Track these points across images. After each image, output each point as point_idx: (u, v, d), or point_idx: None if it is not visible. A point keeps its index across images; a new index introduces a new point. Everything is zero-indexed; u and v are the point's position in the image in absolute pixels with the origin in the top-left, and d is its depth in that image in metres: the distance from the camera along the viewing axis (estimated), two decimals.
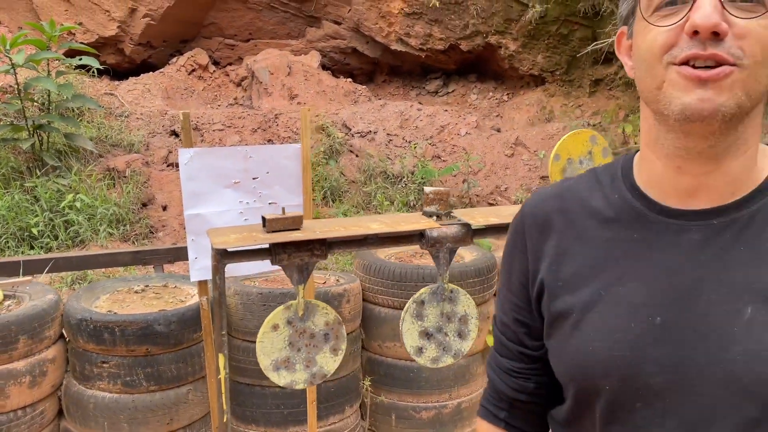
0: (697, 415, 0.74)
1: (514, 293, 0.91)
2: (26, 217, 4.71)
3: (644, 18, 0.73)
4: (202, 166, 1.66)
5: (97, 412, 2.49)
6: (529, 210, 0.89)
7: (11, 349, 2.36)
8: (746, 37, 0.68)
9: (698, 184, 0.76)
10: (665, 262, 0.77)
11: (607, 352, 0.77)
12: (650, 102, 0.74)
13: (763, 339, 0.71)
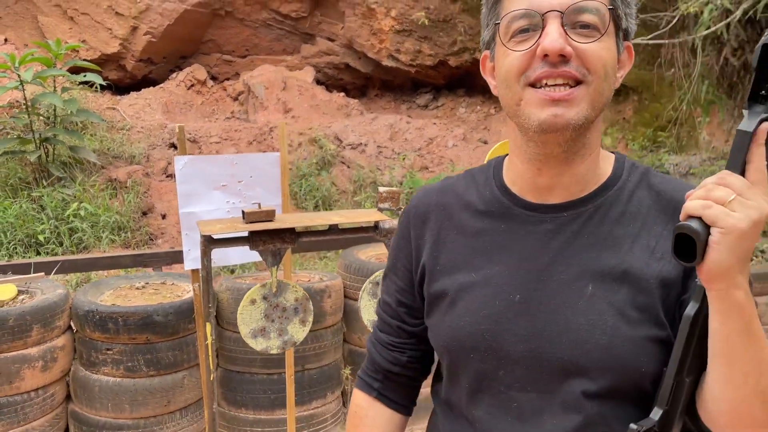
0: (549, 378, 0.86)
1: (399, 277, 1.03)
2: (33, 225, 5.02)
3: (503, 44, 0.84)
4: (194, 171, 1.97)
5: (101, 395, 2.78)
6: (414, 204, 1.02)
7: (26, 336, 2.66)
8: (588, 58, 0.81)
9: (553, 183, 0.89)
10: (525, 248, 0.90)
11: (474, 327, 0.89)
12: (512, 116, 0.87)
13: (602, 310, 0.84)
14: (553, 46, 0.79)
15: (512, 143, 0.93)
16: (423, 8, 7.49)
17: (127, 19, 7.64)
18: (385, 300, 1.06)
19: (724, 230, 0.70)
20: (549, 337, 0.86)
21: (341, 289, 3.21)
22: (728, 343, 0.76)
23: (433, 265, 0.96)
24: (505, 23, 0.84)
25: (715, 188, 0.72)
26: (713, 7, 5.28)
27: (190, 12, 7.76)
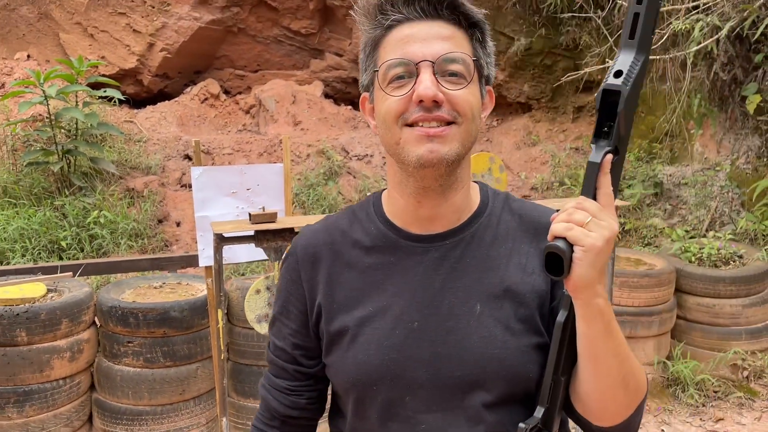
0: (452, 396, 0.93)
1: (292, 320, 1.05)
2: (56, 232, 5.34)
3: (381, 89, 0.93)
4: (208, 180, 2.26)
5: (123, 384, 3.07)
6: (301, 246, 1.05)
7: (56, 330, 2.96)
8: (458, 103, 0.91)
9: (434, 214, 0.98)
10: (415, 277, 0.97)
11: (379, 358, 0.94)
12: (393, 154, 0.95)
13: (491, 326, 0.94)
14: (427, 93, 0.88)
15: (392, 180, 1.00)
16: None
17: (144, 36, 8.02)
18: (278, 345, 1.07)
19: (584, 248, 0.81)
20: (448, 358, 0.93)
21: None
22: (593, 343, 0.87)
23: (329, 304, 1.00)
24: (383, 71, 0.92)
25: (575, 212, 0.83)
26: (704, 24, 5.53)
27: (204, 29, 8.12)
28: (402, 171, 0.95)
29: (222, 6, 8.10)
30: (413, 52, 0.91)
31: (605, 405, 0.92)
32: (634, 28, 0.87)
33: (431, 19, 0.93)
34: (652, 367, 3.72)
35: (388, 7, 0.93)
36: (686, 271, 3.84)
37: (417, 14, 0.93)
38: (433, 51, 0.90)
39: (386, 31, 0.95)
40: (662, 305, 3.68)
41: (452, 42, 0.93)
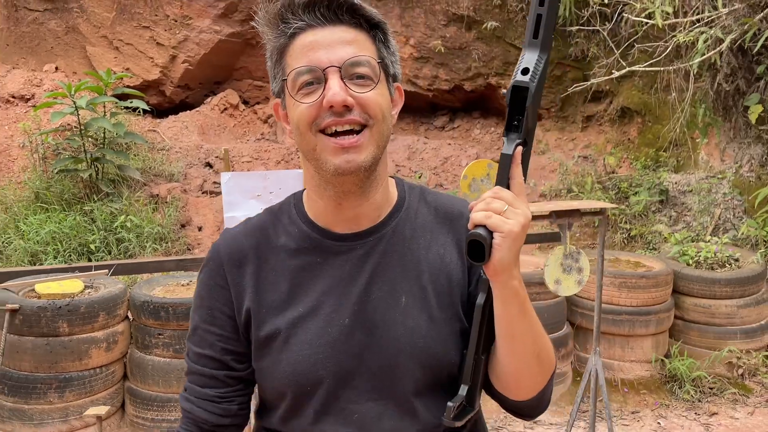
0: (382, 385, 0.98)
1: (219, 326, 1.04)
2: (85, 235, 5.66)
3: (291, 96, 0.95)
4: (235, 184, 2.53)
5: (154, 373, 3.34)
6: (225, 249, 1.05)
7: (93, 322, 3.25)
8: (368, 105, 0.93)
9: (355, 214, 1.01)
10: (342, 276, 1.00)
11: (315, 357, 0.97)
12: (310, 160, 0.97)
13: (416, 317, 0.99)
14: (336, 98, 0.91)
15: (310, 183, 1.03)
16: (439, 37, 8.07)
17: (167, 48, 8.37)
18: (203, 354, 1.05)
19: (503, 234, 0.87)
20: (378, 350, 0.97)
21: None
22: (510, 322, 0.94)
23: (258, 308, 1.00)
24: (291, 78, 0.95)
25: (492, 201, 0.89)
26: (707, 37, 5.74)
27: (225, 42, 8.45)
28: (320, 176, 0.98)
29: (241, 19, 8.43)
30: (319, 59, 0.93)
31: (521, 379, 0.99)
32: (537, 28, 0.92)
33: (333, 24, 0.95)
34: (650, 364, 3.93)
35: (289, 16, 0.95)
36: (683, 273, 4.05)
37: (318, 20, 0.95)
38: (338, 56, 0.93)
39: (290, 39, 0.97)
40: (659, 305, 3.89)
41: (356, 45, 0.95)
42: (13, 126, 7.35)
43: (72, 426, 3.23)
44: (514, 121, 0.93)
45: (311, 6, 0.94)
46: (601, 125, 7.83)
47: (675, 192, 6.32)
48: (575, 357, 4.00)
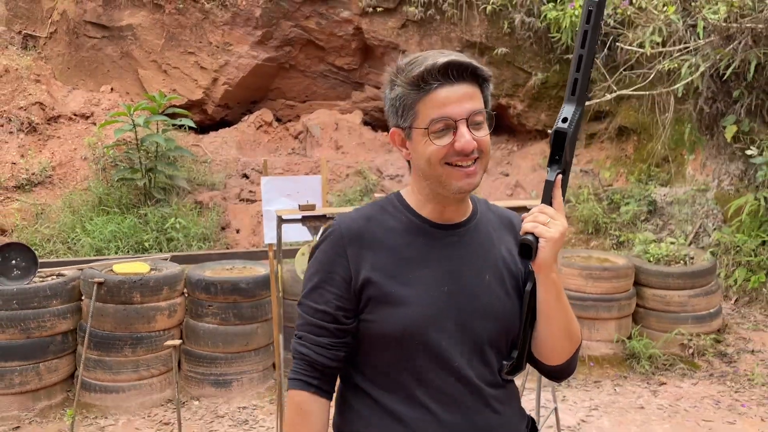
0: (473, 338, 1.32)
1: (336, 287, 1.32)
2: (141, 235, 6.69)
3: (428, 138, 1.26)
4: (272, 186, 3.45)
5: (204, 336, 4.29)
6: (344, 227, 1.35)
7: (159, 294, 4.21)
8: (482, 145, 1.28)
9: (452, 214, 1.36)
10: (442, 255, 1.33)
11: (422, 314, 1.28)
12: (433, 182, 1.30)
13: (496, 291, 1.34)
14: (469, 147, 1.24)
15: (421, 192, 1.36)
16: None
17: (209, 72, 9.47)
18: (320, 309, 1.33)
19: (546, 239, 1.23)
20: (469, 313, 1.31)
21: None
22: (548, 305, 1.30)
23: (374, 275, 1.30)
24: (432, 126, 1.25)
25: (539, 215, 1.25)
26: (690, 64, 6.54)
27: (261, 66, 9.52)
28: (434, 190, 1.32)
29: (276, 46, 9.49)
30: (451, 112, 1.25)
31: (554, 349, 1.35)
32: (574, 88, 1.28)
33: (459, 82, 1.26)
34: (613, 343, 4.72)
35: (429, 78, 1.25)
36: (644, 268, 4.86)
37: (449, 80, 1.26)
38: (465, 109, 1.25)
39: (426, 94, 1.26)
40: (621, 294, 4.70)
41: (475, 99, 1.28)
42: (76, 141, 8.49)
43: (140, 375, 4.19)
44: (556, 156, 1.30)
45: (447, 69, 1.25)
46: (602, 142, 8.63)
47: (662, 203, 7.09)
48: None
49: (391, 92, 1.34)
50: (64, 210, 7.07)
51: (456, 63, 1.25)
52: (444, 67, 1.25)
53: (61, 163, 8.06)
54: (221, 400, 4.28)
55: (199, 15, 9.33)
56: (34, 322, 4.02)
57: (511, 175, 8.53)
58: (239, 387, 4.33)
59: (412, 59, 1.31)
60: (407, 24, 9.09)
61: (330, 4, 9.27)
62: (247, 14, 9.24)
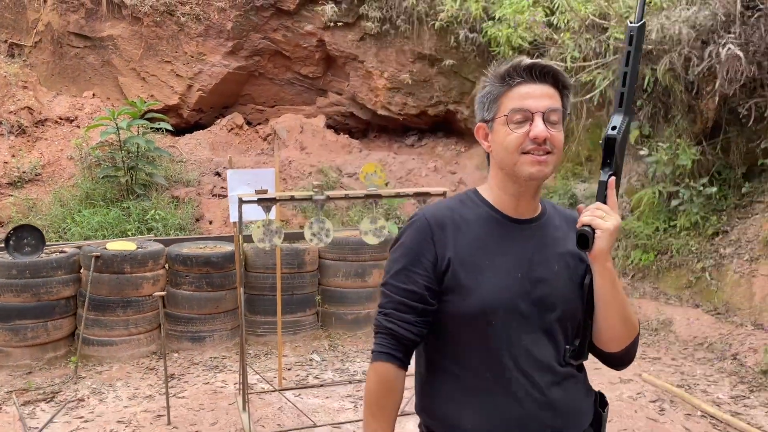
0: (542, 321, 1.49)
1: (423, 268, 1.49)
2: (124, 225, 7.70)
3: (507, 126, 1.45)
4: (235, 177, 4.53)
5: (182, 301, 5.35)
6: (429, 215, 1.54)
7: (145, 266, 5.26)
8: (555, 141, 1.45)
9: (526, 207, 1.55)
10: (516, 245, 1.52)
11: (498, 295, 1.46)
12: (508, 170, 1.48)
13: (564, 278, 1.52)
14: (542, 134, 1.42)
15: (497, 184, 1.54)
16: (408, 71, 10.15)
17: (184, 79, 10.50)
18: (408, 288, 1.49)
19: (602, 231, 1.40)
20: (539, 298, 1.49)
21: (317, 251, 5.75)
22: (605, 292, 1.47)
23: (458, 259, 1.48)
24: (511, 115, 1.45)
25: (595, 210, 1.43)
26: (604, 77, 7.75)
27: (232, 73, 10.58)
28: (509, 179, 1.49)
29: (246, 56, 10.56)
30: (530, 105, 1.43)
31: (612, 336, 1.51)
32: (621, 100, 1.47)
33: (541, 82, 1.45)
34: None
35: (515, 74, 1.46)
36: None
37: (532, 79, 1.45)
38: (543, 105, 1.43)
39: (510, 88, 1.46)
40: None
41: (554, 99, 1.45)
42: (62, 142, 9.46)
43: (130, 331, 5.23)
44: (607, 160, 1.49)
45: (530, 69, 1.44)
46: None
47: (582, 197, 8.30)
48: None
49: (481, 91, 1.55)
50: (54, 204, 8.06)
51: (540, 65, 1.45)
52: (529, 66, 1.45)
53: (49, 162, 9.04)
54: (196, 352, 5.35)
55: (175, 27, 10.36)
56: (43, 288, 5.05)
57: (457, 173, 9.69)
58: (211, 342, 5.41)
59: (503, 63, 1.52)
60: (365, 37, 10.23)
61: (295, 19, 10.37)
62: (219, 27, 10.30)
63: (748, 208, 6.60)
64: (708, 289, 6.16)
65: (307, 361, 5.28)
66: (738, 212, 6.64)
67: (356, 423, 4.10)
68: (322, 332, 5.83)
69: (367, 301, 5.77)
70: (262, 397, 4.53)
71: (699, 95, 6.72)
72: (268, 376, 4.91)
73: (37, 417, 4.26)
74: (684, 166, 6.69)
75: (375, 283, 5.76)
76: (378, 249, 5.73)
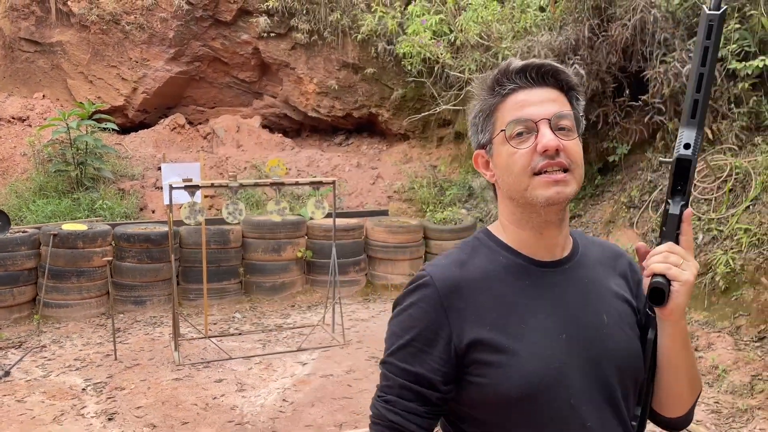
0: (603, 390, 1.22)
1: (436, 349, 1.20)
2: (75, 214, 8.90)
3: (508, 142, 1.19)
4: (168, 169, 5.84)
5: (127, 271, 6.67)
6: (439, 280, 1.22)
7: (95, 242, 6.56)
8: (571, 152, 1.19)
9: (553, 243, 1.27)
10: (552, 298, 1.24)
11: (544, 368, 1.17)
12: (518, 198, 1.21)
13: (617, 334, 1.26)
14: (551, 143, 1.16)
15: (510, 218, 1.27)
16: (335, 78, 11.58)
17: (129, 82, 11.70)
18: (413, 371, 1.20)
19: (681, 283, 1.16)
20: (595, 361, 1.22)
21: (240, 231, 7.13)
22: (676, 354, 1.25)
23: (482, 331, 1.19)
24: (509, 129, 1.19)
25: (669, 255, 1.17)
26: None
27: (174, 77, 11.82)
28: (524, 210, 1.23)
29: (187, 61, 11.82)
30: (531, 113, 1.19)
31: (676, 400, 1.31)
32: (695, 110, 1.19)
33: (539, 86, 1.22)
34: (406, 275, 7.37)
35: (505, 80, 1.22)
36: (429, 227, 7.56)
37: (528, 83, 1.22)
38: (547, 110, 1.20)
39: (503, 98, 1.23)
40: (412, 244, 7.35)
41: (559, 103, 1.22)
42: (15, 140, 10.56)
43: (83, 296, 6.50)
44: (678, 186, 1.22)
45: (524, 71, 1.22)
46: (448, 144, 11.40)
47: (478, 189, 9.88)
48: (368, 271, 7.43)
49: (472, 112, 1.31)
50: (10, 195, 9.20)
51: (534, 65, 1.22)
52: (521, 69, 1.22)
53: (3, 158, 10.14)
54: (138, 313, 6.67)
55: (120, 35, 11.56)
56: (9, 260, 6.29)
57: (377, 168, 11.17)
58: (151, 304, 6.74)
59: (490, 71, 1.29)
60: (296, 46, 11.62)
61: (232, 29, 11.69)
62: (162, 35, 11.53)
63: (599, 196, 8.26)
64: None
65: (230, 318, 6.65)
66: (592, 200, 8.28)
67: (263, 356, 5.50)
68: (245, 298, 7.22)
69: (282, 272, 7.18)
70: (191, 342, 5.89)
71: None
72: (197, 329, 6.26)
73: (8, 359, 5.51)
74: None
75: (288, 257, 7.17)
76: (291, 228, 7.15)
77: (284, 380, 5.02)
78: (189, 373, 5.16)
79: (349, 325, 6.27)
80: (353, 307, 7.02)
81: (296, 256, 7.23)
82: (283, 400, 4.66)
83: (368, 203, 10.22)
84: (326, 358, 5.50)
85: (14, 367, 5.29)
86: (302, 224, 7.29)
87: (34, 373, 5.20)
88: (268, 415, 4.42)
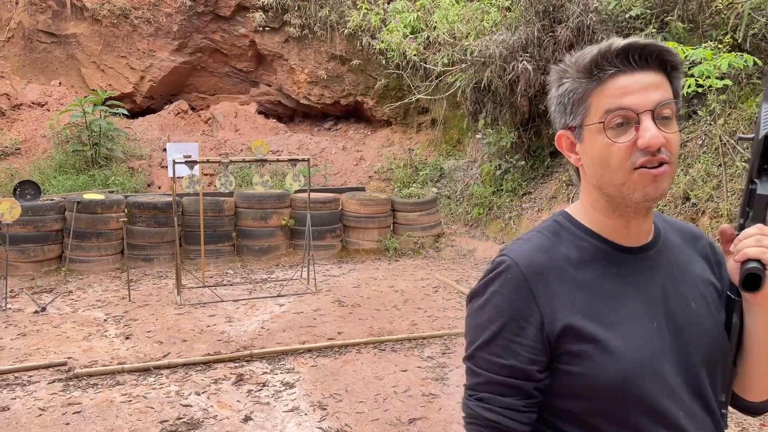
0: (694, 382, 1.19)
1: (528, 337, 1.15)
2: (90, 188, 10.32)
3: (605, 134, 1.13)
4: (172, 147, 7.23)
5: (138, 234, 8.10)
6: (525, 265, 1.18)
7: (111, 208, 7.99)
8: (672, 145, 1.12)
9: (639, 230, 1.23)
10: (640, 285, 1.21)
11: (637, 360, 1.14)
12: (612, 190, 1.16)
13: (706, 318, 1.24)
14: (656, 141, 1.09)
15: (596, 204, 1.23)
16: (324, 68, 12.94)
17: (137, 71, 13.09)
18: (507, 364, 1.16)
19: None
20: (684, 349, 1.20)
21: (233, 201, 8.54)
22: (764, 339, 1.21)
23: (575, 318, 1.15)
24: (608, 119, 1.12)
25: (763, 238, 1.13)
26: (463, 78, 10.64)
27: (178, 67, 13.20)
28: (613, 203, 1.19)
29: (190, 52, 13.20)
30: (632, 103, 1.11)
31: (761, 385, 1.27)
32: None
33: (642, 69, 1.12)
34: (376, 242, 8.75)
35: (605, 63, 1.13)
36: (396, 201, 8.95)
37: (630, 66, 1.12)
38: (651, 100, 1.11)
39: (600, 83, 1.14)
40: (381, 215, 8.74)
41: (663, 89, 1.13)
42: (36, 123, 11.99)
43: (101, 254, 7.92)
44: (766, 165, 1.18)
45: (625, 53, 1.12)
46: (427, 130, 12.76)
47: (448, 170, 11.25)
48: (343, 238, 8.85)
49: (558, 89, 1.22)
50: (34, 171, 10.64)
51: (638, 45, 1.13)
52: (623, 50, 1.13)
53: (26, 140, 11.58)
54: (147, 269, 8.10)
55: (129, 28, 12.94)
56: (41, 222, 7.72)
57: (362, 151, 12.55)
58: (158, 262, 8.17)
59: (586, 50, 1.18)
60: (289, 39, 12.98)
61: (231, 23, 13.06)
62: (167, 29, 12.91)
63: (548, 177, 9.62)
64: (511, 231, 9.15)
65: (224, 274, 8.07)
66: (542, 179, 9.65)
67: (249, 299, 6.91)
68: (237, 258, 8.63)
69: (269, 237, 8.58)
70: (190, 289, 7.31)
71: (515, 95, 9.67)
72: (196, 280, 7.69)
73: (42, 300, 6.95)
74: (504, 146, 9.66)
75: (273, 224, 8.58)
76: (276, 200, 8.54)
77: (264, 315, 6.44)
78: (188, 311, 6.58)
79: (322, 279, 7.68)
80: (328, 266, 8.45)
81: (281, 223, 8.63)
82: (262, 327, 6.07)
83: (351, 182, 11.62)
84: (299, 301, 6.91)
85: (49, 304, 6.72)
86: (286, 197, 8.67)
87: (65, 309, 6.63)
88: (249, 336, 5.83)
